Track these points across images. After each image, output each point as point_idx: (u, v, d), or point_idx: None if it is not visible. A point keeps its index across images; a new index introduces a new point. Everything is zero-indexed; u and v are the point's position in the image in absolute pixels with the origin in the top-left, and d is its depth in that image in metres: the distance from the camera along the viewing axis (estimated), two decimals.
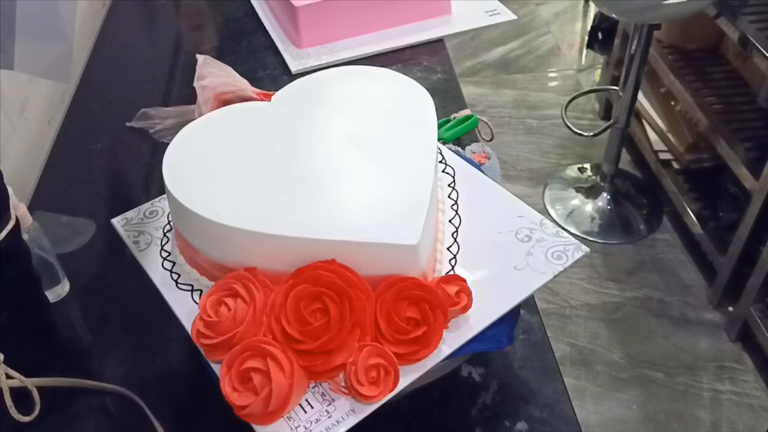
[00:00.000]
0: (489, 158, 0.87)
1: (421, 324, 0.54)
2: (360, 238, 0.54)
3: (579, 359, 1.63)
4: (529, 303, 0.72)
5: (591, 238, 1.92)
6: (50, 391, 0.63)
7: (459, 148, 0.87)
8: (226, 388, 0.52)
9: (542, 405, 0.65)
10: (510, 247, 0.62)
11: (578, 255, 0.60)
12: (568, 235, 0.62)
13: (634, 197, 2.06)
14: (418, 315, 0.54)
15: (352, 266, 0.54)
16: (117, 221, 0.69)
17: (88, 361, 0.71)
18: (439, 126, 0.84)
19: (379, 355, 0.53)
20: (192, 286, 0.61)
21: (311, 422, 0.52)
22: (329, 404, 0.53)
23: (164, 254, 0.65)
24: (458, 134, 0.91)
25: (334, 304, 0.53)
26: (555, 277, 0.59)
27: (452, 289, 0.56)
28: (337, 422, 0.52)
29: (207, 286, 0.60)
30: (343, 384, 0.53)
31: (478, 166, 0.74)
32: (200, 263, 0.61)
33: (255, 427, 0.52)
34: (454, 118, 0.92)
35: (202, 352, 0.55)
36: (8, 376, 0.59)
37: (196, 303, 0.59)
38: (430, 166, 0.60)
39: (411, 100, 0.67)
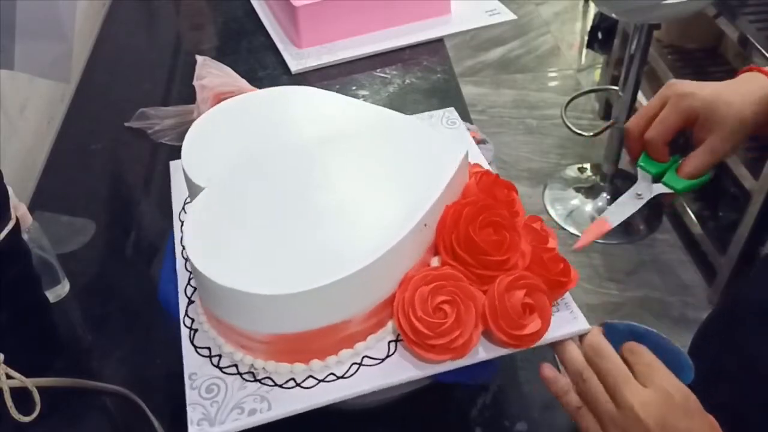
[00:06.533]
0: (484, 142, 0.87)
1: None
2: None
3: None
4: None
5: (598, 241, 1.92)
6: (50, 391, 0.63)
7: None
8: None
9: (542, 405, 0.65)
10: None
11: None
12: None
13: None
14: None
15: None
16: None
17: (88, 361, 0.71)
18: None
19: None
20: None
21: None
22: None
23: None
24: None
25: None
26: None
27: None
28: None
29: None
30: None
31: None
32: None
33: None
34: None
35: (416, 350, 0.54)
36: (8, 376, 0.59)
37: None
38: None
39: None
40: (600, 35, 2.46)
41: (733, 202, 1.73)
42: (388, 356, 0.55)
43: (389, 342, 0.56)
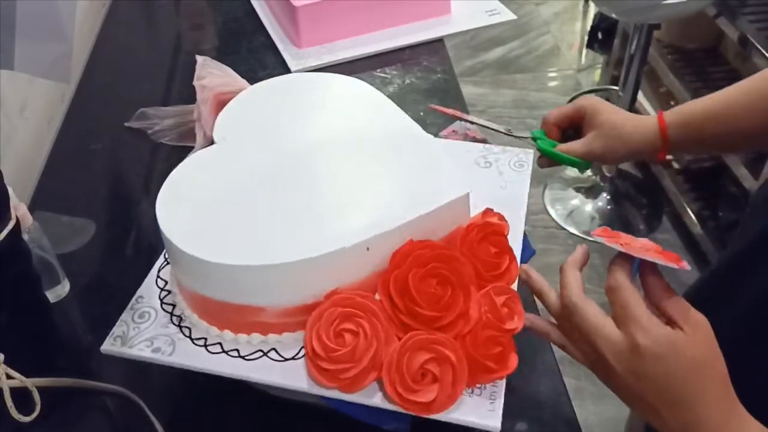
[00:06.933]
0: (485, 143, 0.87)
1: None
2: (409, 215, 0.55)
3: None
4: (529, 303, 0.72)
5: (591, 238, 1.92)
6: (50, 391, 0.63)
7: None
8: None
9: (542, 405, 0.65)
10: None
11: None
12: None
13: (634, 197, 2.06)
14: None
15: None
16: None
17: (88, 361, 0.71)
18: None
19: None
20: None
21: None
22: None
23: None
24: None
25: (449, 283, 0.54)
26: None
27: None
28: None
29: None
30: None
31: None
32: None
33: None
34: None
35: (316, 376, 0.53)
36: (8, 376, 0.59)
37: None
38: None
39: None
40: (600, 35, 2.47)
41: (733, 202, 1.73)
42: (292, 359, 0.55)
43: (302, 347, 0.55)
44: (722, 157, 1.66)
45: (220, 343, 0.57)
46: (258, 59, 1.15)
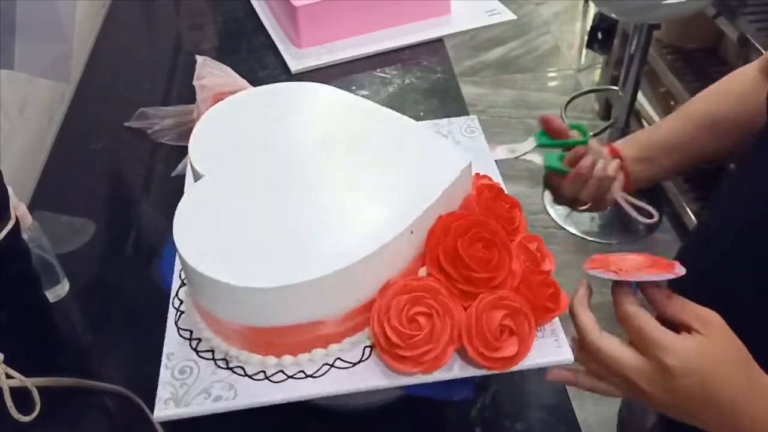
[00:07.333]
0: None
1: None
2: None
3: None
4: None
5: (591, 238, 1.92)
6: (50, 391, 0.63)
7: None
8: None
9: (542, 405, 0.65)
10: None
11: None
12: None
13: (633, 197, 2.06)
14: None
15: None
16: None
17: (88, 361, 0.71)
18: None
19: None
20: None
21: None
22: None
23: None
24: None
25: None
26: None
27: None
28: None
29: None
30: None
31: None
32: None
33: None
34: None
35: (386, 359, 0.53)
36: (8, 376, 0.59)
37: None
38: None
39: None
40: (600, 35, 2.47)
41: None
42: (360, 361, 0.55)
43: (365, 347, 0.55)
44: None
45: (281, 371, 0.55)
46: (258, 59, 1.15)
